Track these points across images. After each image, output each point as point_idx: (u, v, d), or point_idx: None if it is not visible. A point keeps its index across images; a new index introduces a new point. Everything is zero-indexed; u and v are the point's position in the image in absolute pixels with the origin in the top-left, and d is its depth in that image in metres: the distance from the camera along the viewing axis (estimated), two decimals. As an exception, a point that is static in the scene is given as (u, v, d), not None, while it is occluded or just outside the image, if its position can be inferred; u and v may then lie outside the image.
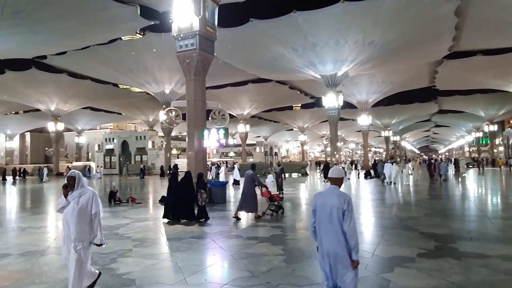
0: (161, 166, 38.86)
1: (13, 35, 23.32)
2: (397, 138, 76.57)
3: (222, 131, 14.13)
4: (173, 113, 17.09)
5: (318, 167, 47.65)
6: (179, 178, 11.29)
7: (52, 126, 44.78)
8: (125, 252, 6.81)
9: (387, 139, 63.78)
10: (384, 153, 76.37)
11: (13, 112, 56.50)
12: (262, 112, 54.96)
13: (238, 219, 10.33)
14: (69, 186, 4.27)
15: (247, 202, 10.56)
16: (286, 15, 24.49)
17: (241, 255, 6.56)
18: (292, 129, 74.16)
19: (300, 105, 64.25)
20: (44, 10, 21.23)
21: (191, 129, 14.25)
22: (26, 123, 58.99)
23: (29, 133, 64.70)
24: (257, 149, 70.77)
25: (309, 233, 3.76)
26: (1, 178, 35.39)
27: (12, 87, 37.43)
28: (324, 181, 25.70)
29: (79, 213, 4.16)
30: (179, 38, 14.21)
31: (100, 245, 4.37)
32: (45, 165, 43.41)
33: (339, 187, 3.68)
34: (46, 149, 57.83)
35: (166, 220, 10.26)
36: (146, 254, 6.73)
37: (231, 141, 63.21)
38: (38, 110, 45.78)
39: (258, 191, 10.97)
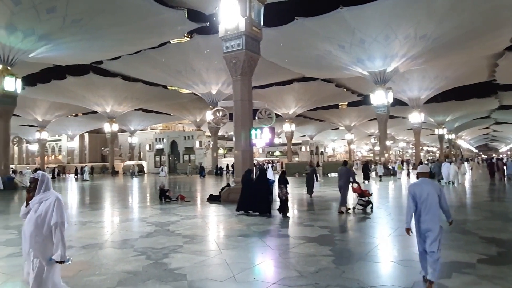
0: (216, 165, 40.20)
1: (73, 42, 25.04)
2: (452, 136, 72.24)
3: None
4: (220, 113, 17.37)
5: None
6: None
7: (108, 127, 47.92)
8: (176, 248, 7.05)
9: (441, 137, 60.49)
10: (438, 152, 72.50)
11: (74, 115, 60.59)
12: (307, 111, 54.43)
13: (342, 213, 11.01)
14: (32, 190, 3.60)
15: (344, 196, 11.29)
16: (333, 12, 24.05)
17: (288, 255, 6.54)
18: (338, 128, 72.68)
19: (346, 103, 62.70)
20: (100, 18, 22.57)
21: (238, 128, 14.42)
22: (85, 125, 63.10)
23: (87, 133, 68.99)
24: (303, 148, 70.27)
25: (405, 217, 4.90)
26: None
27: (72, 91, 40.26)
28: (363, 182, 24.00)
29: (36, 222, 3.47)
30: (226, 39, 14.43)
31: (62, 262, 3.50)
32: (85, 164, 46.11)
33: (428, 178, 4.94)
34: (103, 149, 61.36)
35: (238, 213, 11.34)
36: (196, 251, 6.92)
37: (276, 141, 63.22)
38: (95, 112, 48.94)
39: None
